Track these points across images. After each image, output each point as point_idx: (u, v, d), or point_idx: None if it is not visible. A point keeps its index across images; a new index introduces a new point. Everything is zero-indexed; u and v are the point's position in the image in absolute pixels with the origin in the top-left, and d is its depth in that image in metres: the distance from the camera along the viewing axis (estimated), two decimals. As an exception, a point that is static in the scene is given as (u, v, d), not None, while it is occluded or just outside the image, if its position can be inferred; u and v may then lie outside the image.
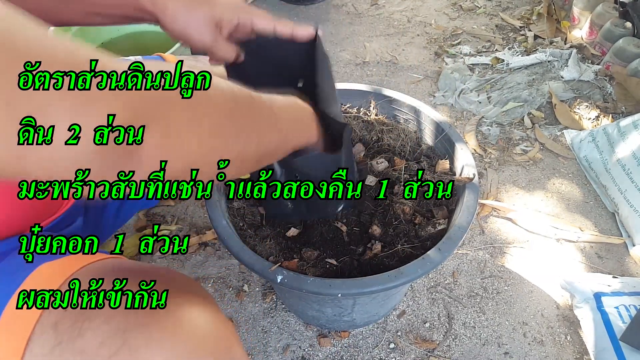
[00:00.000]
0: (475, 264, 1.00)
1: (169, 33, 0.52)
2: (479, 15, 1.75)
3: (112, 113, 0.23)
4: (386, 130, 0.81)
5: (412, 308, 0.92)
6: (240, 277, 0.98)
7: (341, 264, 0.66)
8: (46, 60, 0.21)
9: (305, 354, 0.86)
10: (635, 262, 0.99)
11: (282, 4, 1.80)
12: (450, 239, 0.61)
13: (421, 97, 1.41)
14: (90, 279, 0.37)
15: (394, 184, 0.74)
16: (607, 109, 1.31)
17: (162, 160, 0.27)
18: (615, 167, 1.07)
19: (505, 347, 0.87)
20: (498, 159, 1.21)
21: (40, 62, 0.21)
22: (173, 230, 1.06)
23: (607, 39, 1.42)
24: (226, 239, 0.62)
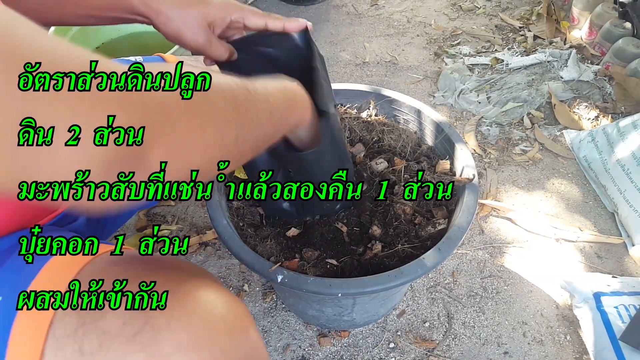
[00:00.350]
0: (474, 263, 1.00)
1: (163, 35, 0.53)
2: (479, 15, 1.75)
3: (112, 114, 0.23)
4: (386, 131, 0.82)
5: (411, 308, 0.93)
6: (241, 277, 0.98)
7: (342, 264, 0.67)
8: (46, 61, 0.21)
9: (305, 353, 0.86)
10: (635, 262, 0.99)
11: (282, 4, 1.80)
12: (450, 239, 0.61)
13: (421, 98, 1.41)
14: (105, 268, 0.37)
15: (394, 185, 0.74)
16: (607, 109, 1.31)
17: (162, 161, 0.27)
18: (614, 167, 1.07)
19: (505, 346, 0.87)
20: (497, 159, 1.22)
21: (40, 63, 0.21)
22: (173, 230, 1.06)
23: (607, 39, 1.42)
24: (226, 238, 0.62)
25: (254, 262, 0.60)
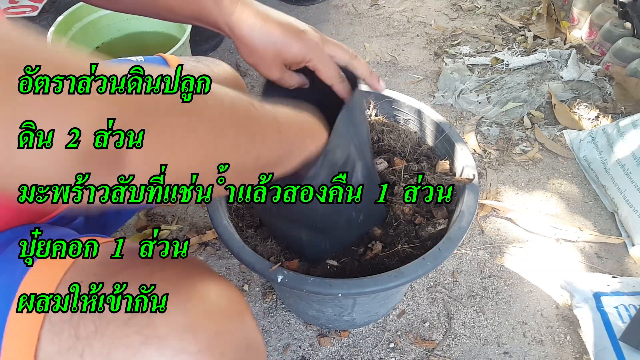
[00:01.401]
0: (474, 263, 1.00)
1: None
2: (479, 15, 1.75)
3: (112, 117, 0.24)
4: (386, 131, 0.82)
5: (411, 308, 0.93)
6: (241, 277, 0.98)
7: (342, 264, 0.67)
8: (45, 64, 0.21)
9: (305, 353, 0.86)
10: (635, 262, 0.99)
11: (282, 4, 1.80)
12: (450, 239, 0.61)
13: (421, 98, 1.41)
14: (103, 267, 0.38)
15: (394, 185, 0.74)
16: (607, 109, 1.31)
17: (162, 164, 0.28)
18: (614, 167, 1.07)
19: (505, 346, 0.87)
20: (497, 159, 1.22)
21: (40, 66, 0.21)
22: (174, 230, 1.06)
23: (607, 39, 1.42)
24: (226, 238, 0.62)
25: (254, 262, 0.60)
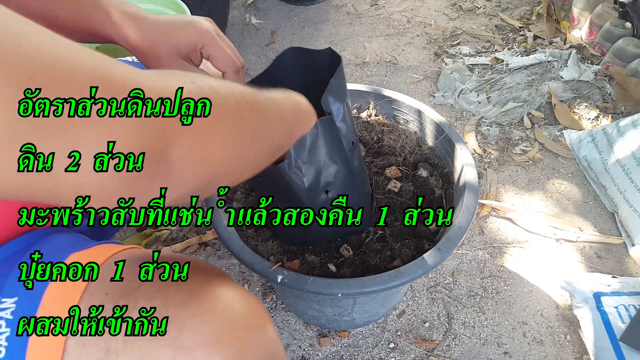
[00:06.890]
0: (474, 263, 1.00)
1: None
2: (479, 15, 1.75)
3: (112, 140, 0.23)
4: (386, 131, 0.82)
5: (411, 308, 0.93)
6: (241, 277, 0.98)
7: (341, 269, 0.67)
8: (47, 86, 0.21)
9: (305, 353, 0.86)
10: (635, 262, 0.99)
11: (282, 4, 1.80)
12: (450, 239, 0.61)
13: (421, 98, 1.41)
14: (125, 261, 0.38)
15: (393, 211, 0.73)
16: (607, 109, 1.31)
17: (162, 187, 0.28)
18: (614, 167, 1.07)
19: (505, 346, 0.87)
20: (497, 159, 1.22)
21: (40, 89, 0.20)
22: (173, 231, 1.06)
23: (607, 39, 1.42)
24: (226, 239, 0.62)
25: (254, 262, 0.60)
